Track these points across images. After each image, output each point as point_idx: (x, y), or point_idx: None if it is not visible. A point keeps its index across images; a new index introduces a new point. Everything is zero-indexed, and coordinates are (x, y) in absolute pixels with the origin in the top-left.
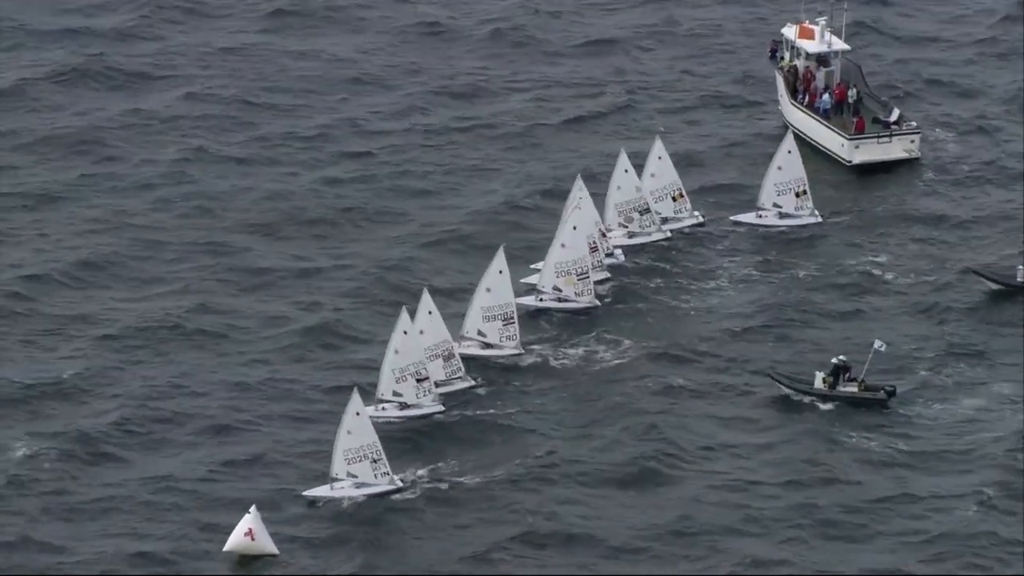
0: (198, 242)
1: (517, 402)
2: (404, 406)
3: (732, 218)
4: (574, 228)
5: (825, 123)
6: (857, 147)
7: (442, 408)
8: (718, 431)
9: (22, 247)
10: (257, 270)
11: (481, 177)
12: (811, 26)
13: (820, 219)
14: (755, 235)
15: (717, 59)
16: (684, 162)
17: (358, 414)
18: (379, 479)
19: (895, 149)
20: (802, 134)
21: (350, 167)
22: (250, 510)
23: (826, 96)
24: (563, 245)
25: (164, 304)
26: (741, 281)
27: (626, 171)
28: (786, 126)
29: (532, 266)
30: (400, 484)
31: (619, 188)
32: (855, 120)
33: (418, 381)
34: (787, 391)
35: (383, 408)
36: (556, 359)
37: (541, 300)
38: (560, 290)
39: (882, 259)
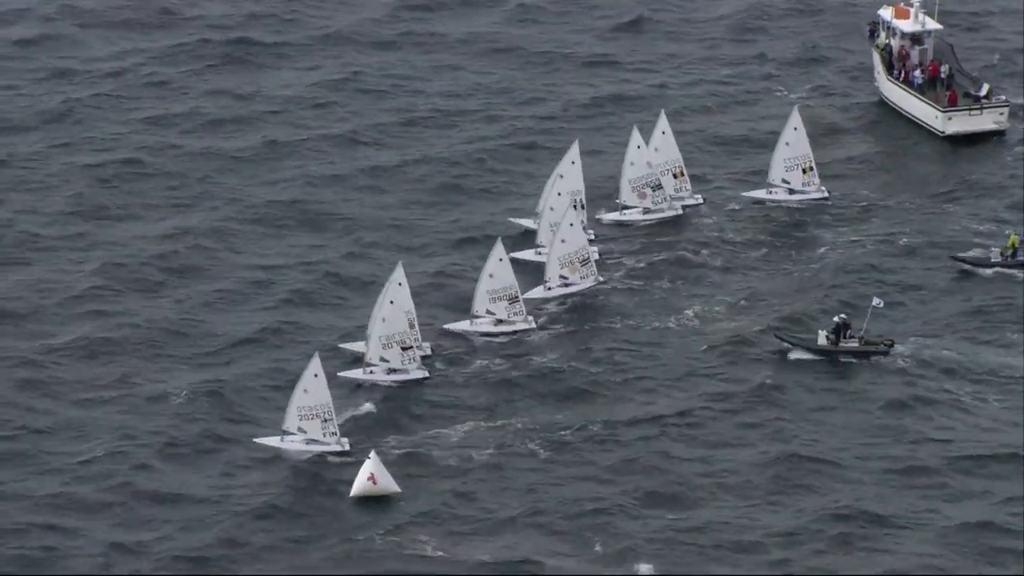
0: None
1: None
2: (392, 371)
3: (744, 194)
4: (571, 225)
5: (920, 96)
6: (950, 119)
7: (427, 374)
8: (729, 394)
9: None
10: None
11: None
12: (906, 7)
13: (827, 195)
14: (764, 210)
15: (813, 35)
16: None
17: (316, 376)
18: (327, 438)
19: (985, 121)
20: (898, 107)
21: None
22: (370, 455)
23: (917, 72)
24: (563, 240)
25: None
26: (749, 253)
27: (638, 147)
28: (882, 100)
29: (511, 219)
30: (346, 447)
31: (632, 164)
32: (948, 93)
33: (403, 349)
34: (793, 349)
35: (371, 372)
36: (557, 338)
37: (549, 289)
38: (566, 278)
39: (896, 233)
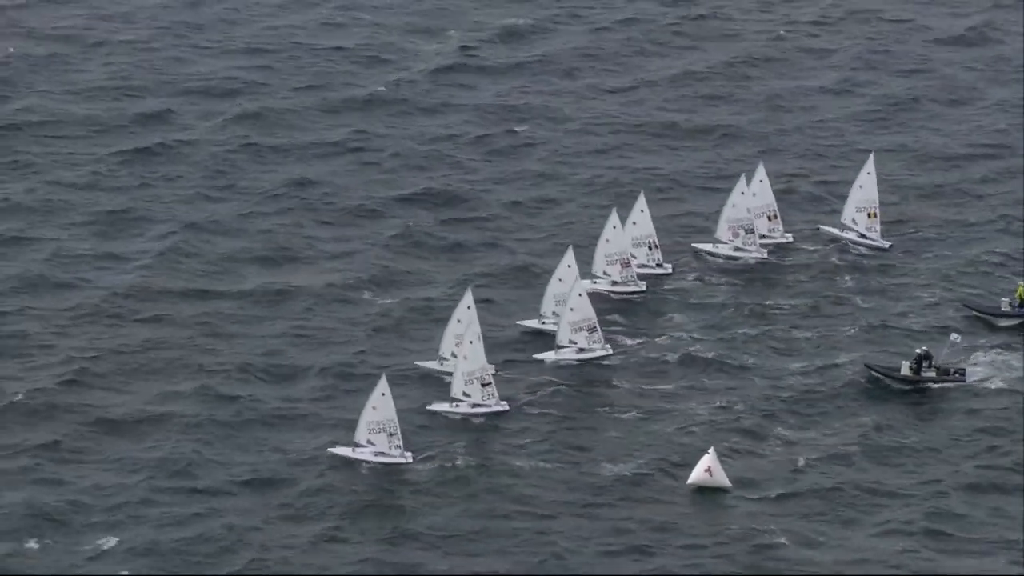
0: None
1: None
2: (476, 404)
3: (819, 226)
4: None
5: None
6: None
7: (506, 407)
8: (826, 418)
9: None
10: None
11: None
12: None
13: (888, 245)
14: (839, 249)
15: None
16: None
17: (383, 394)
18: (392, 451)
19: None
20: None
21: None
22: (709, 451)
23: None
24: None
25: None
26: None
27: (743, 193)
28: None
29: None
30: (409, 459)
31: (734, 206)
32: None
33: (483, 386)
34: (881, 378)
35: (457, 405)
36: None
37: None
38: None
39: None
